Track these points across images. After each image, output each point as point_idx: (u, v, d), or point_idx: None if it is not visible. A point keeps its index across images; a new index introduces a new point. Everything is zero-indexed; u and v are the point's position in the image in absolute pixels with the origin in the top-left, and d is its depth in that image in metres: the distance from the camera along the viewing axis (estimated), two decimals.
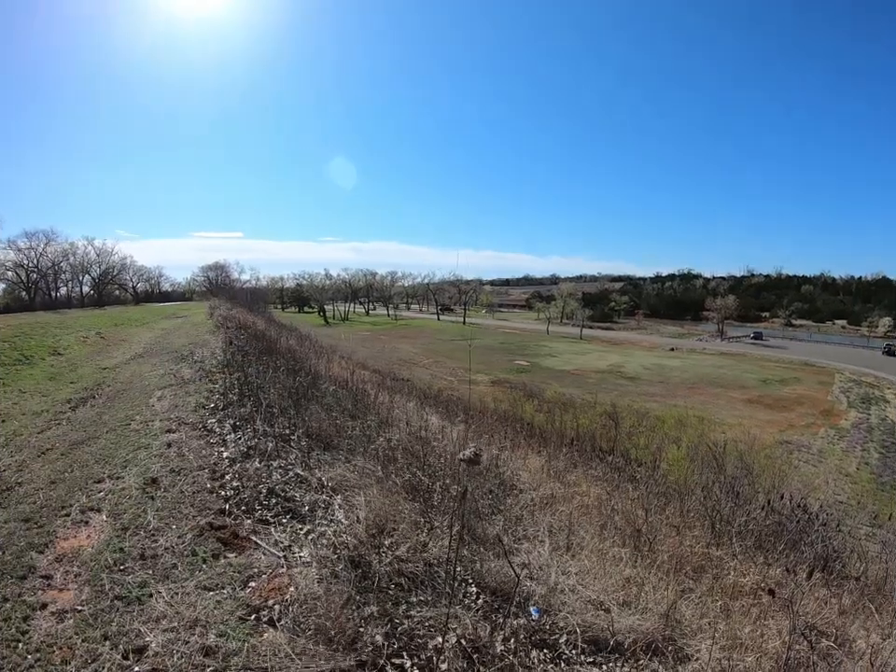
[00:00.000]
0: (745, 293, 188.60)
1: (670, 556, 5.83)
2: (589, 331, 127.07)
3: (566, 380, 67.83)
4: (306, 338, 27.51)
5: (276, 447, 6.90)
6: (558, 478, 8.94)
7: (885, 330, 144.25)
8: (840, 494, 30.45)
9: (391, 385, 19.92)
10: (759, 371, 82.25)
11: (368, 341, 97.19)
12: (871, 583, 7.75)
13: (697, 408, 52.40)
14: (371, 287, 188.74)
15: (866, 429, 53.44)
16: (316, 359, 17.18)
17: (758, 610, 4.82)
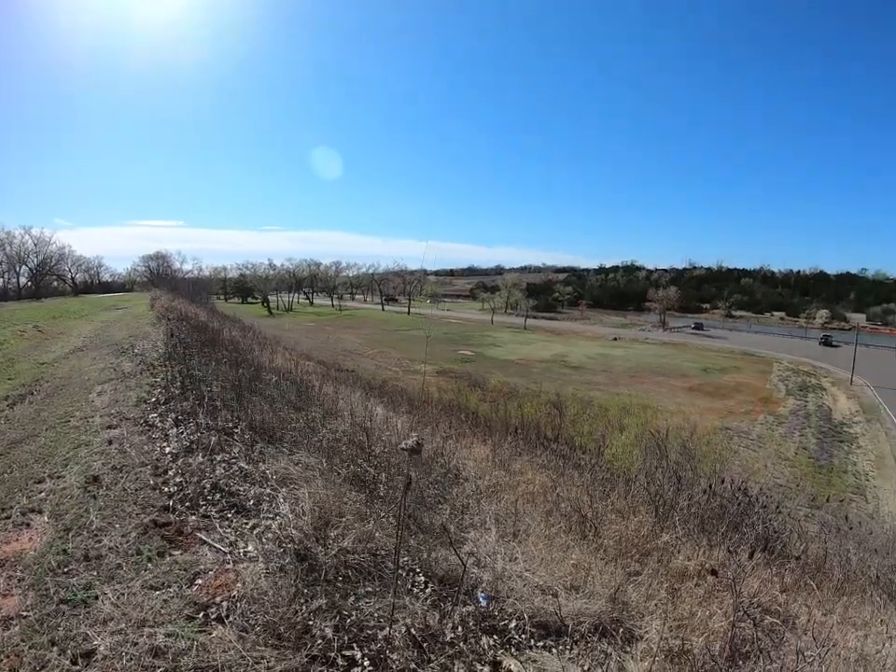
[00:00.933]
0: (686, 285, 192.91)
1: (616, 541, 5.92)
2: (533, 321, 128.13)
3: (510, 369, 68.32)
4: (249, 329, 27.19)
5: (219, 441, 6.80)
6: (504, 466, 9.00)
7: (822, 322, 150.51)
8: (779, 477, 31.31)
9: (336, 377, 19.79)
10: (700, 361, 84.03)
11: (312, 331, 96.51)
12: (811, 562, 8.00)
13: (640, 396, 53.32)
14: (315, 277, 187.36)
15: (804, 416, 55.08)
16: (260, 351, 17.01)
17: (703, 591, 4.92)
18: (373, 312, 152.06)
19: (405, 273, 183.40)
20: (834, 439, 48.60)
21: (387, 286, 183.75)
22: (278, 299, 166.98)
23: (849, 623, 5.18)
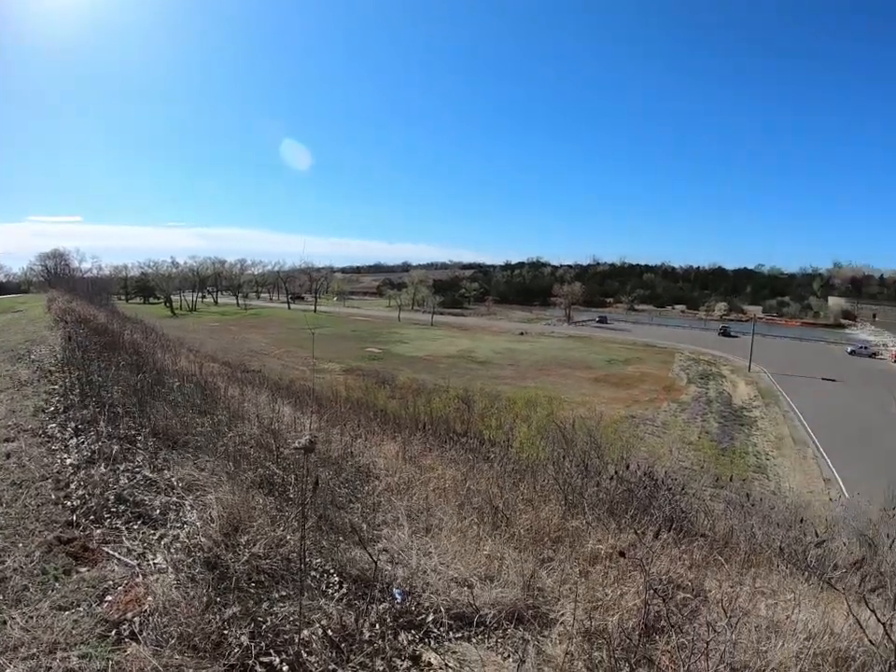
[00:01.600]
0: (591, 280, 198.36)
1: (527, 530, 6.03)
2: (440, 318, 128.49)
3: (418, 366, 68.47)
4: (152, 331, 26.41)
5: (122, 450, 6.58)
6: (414, 462, 9.04)
7: (720, 314, 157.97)
8: (684, 460, 32.35)
9: (242, 378, 19.40)
10: (604, 353, 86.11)
11: (217, 332, 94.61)
12: (719, 538, 8.30)
13: (547, 388, 54.05)
14: (219, 275, 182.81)
15: (705, 402, 57.33)
16: (163, 354, 16.53)
17: (617, 572, 5.05)
18: (279, 310, 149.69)
19: (311, 271, 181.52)
20: (735, 422, 50.99)
21: (294, 283, 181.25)
22: (181, 298, 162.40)
23: (759, 593, 5.39)
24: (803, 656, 4.06)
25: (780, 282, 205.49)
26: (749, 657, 4.02)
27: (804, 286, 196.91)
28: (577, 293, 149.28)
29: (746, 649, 4.12)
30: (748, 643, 4.20)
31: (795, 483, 35.36)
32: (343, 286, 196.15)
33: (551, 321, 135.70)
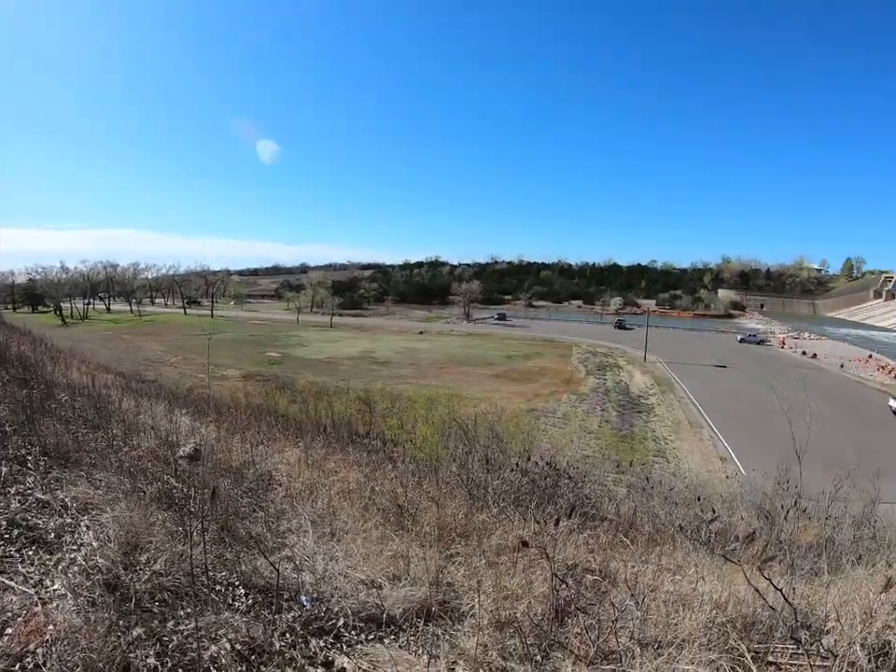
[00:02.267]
0: (489, 278, 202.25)
1: (434, 527, 6.07)
2: (339, 319, 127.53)
3: (318, 368, 67.80)
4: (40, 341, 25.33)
5: (11, 471, 6.32)
6: (317, 467, 8.98)
7: (616, 308, 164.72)
8: (586, 449, 33.06)
9: (137, 388, 18.78)
10: (504, 349, 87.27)
11: (110, 340, 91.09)
12: (623, 521, 8.65)
13: (448, 386, 54.55)
14: (112, 280, 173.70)
15: (603, 392, 58.97)
16: (52, 366, 15.88)
17: (526, 562, 5.16)
18: (175, 316, 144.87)
19: (208, 274, 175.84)
20: (633, 410, 52.74)
21: (189, 287, 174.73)
22: (72, 306, 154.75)
23: (665, 570, 5.62)
24: (710, 625, 4.24)
25: (673, 276, 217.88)
26: (658, 631, 4.19)
27: (695, 279, 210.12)
28: (475, 291, 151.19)
29: (656, 623, 4.29)
30: (657, 618, 4.37)
31: (693, 464, 36.59)
32: (241, 289, 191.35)
33: (450, 319, 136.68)
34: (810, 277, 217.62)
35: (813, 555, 7.41)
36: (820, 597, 4.95)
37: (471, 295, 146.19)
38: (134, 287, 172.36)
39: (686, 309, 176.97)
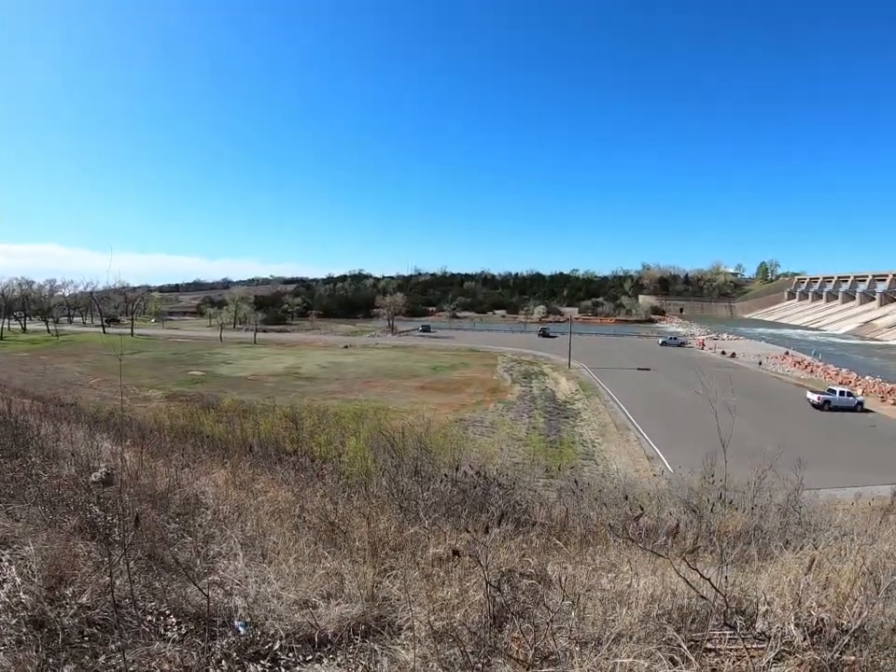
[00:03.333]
0: (413, 290, 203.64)
1: (366, 542, 6.02)
2: (263, 335, 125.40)
3: (243, 386, 66.63)
4: None
5: None
6: (245, 487, 8.85)
7: (539, 317, 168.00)
8: (515, 456, 33.37)
9: (56, 413, 18.19)
10: (430, 360, 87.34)
11: (27, 362, 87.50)
12: (556, 524, 8.72)
13: (375, 400, 54.35)
14: (27, 298, 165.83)
15: (530, 400, 59.42)
16: None
17: (461, 571, 5.14)
18: (95, 335, 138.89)
19: (127, 291, 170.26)
20: (560, 416, 53.24)
21: (108, 305, 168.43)
22: None
23: (600, 569, 5.71)
24: (647, 619, 4.33)
25: (595, 284, 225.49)
26: (597, 629, 4.22)
27: (616, 286, 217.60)
28: (399, 304, 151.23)
29: (594, 621, 4.33)
30: (594, 616, 4.41)
31: (622, 465, 37.55)
32: (161, 306, 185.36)
33: (375, 333, 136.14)
34: (727, 281, 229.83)
35: (743, 544, 7.63)
36: (753, 583, 5.10)
37: (396, 307, 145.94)
38: (51, 305, 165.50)
39: (608, 315, 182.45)
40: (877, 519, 10.58)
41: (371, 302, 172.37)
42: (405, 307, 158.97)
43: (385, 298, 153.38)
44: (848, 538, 6.75)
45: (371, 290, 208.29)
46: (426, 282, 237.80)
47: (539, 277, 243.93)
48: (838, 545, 6.17)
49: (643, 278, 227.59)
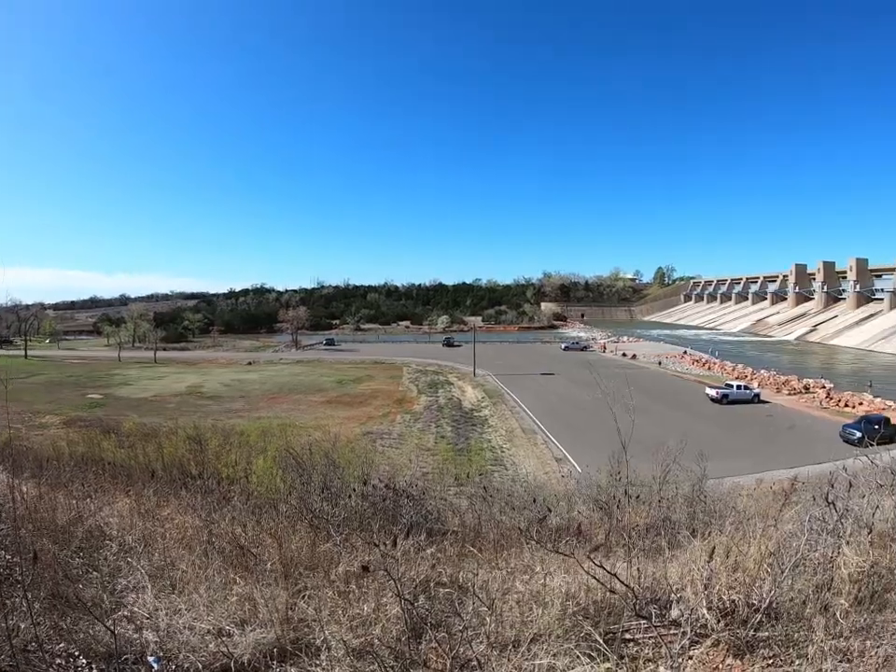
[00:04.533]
0: (316, 303, 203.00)
1: (278, 563, 5.92)
2: (164, 354, 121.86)
3: (144, 408, 64.61)
4: None
5: None
6: (151, 516, 8.56)
7: (443, 326, 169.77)
8: (425, 467, 33.30)
9: None
10: (335, 374, 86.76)
11: None
12: (469, 531, 8.76)
13: (281, 416, 53.65)
14: None
15: (437, 409, 59.78)
16: None
17: (376, 586, 5.11)
18: None
19: (20, 309, 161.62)
20: (468, 424, 53.89)
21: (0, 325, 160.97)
22: None
23: (515, 571, 5.76)
24: (564, 617, 4.41)
25: (497, 293, 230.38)
26: (515, 631, 4.29)
27: (518, 294, 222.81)
28: (303, 317, 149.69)
29: (512, 624, 4.39)
30: (511, 619, 4.48)
31: (531, 468, 38.22)
32: (57, 325, 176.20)
33: (279, 348, 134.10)
34: (626, 286, 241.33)
35: (653, 535, 7.85)
36: (664, 572, 5.24)
37: (299, 321, 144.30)
38: None
39: (512, 323, 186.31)
40: (779, 502, 11.03)
41: (274, 317, 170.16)
42: (309, 321, 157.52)
43: (289, 312, 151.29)
44: (752, 522, 7.02)
45: (273, 304, 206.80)
46: (329, 295, 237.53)
47: (442, 287, 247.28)
48: (743, 529, 6.41)
49: (545, 286, 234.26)
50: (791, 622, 4.27)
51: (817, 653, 3.79)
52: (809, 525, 5.48)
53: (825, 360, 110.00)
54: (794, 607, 4.43)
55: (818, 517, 5.78)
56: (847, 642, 3.93)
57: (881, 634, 4.04)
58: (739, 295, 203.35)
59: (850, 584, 4.67)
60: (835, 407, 62.26)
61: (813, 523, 5.62)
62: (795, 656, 3.86)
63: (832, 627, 4.12)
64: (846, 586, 4.65)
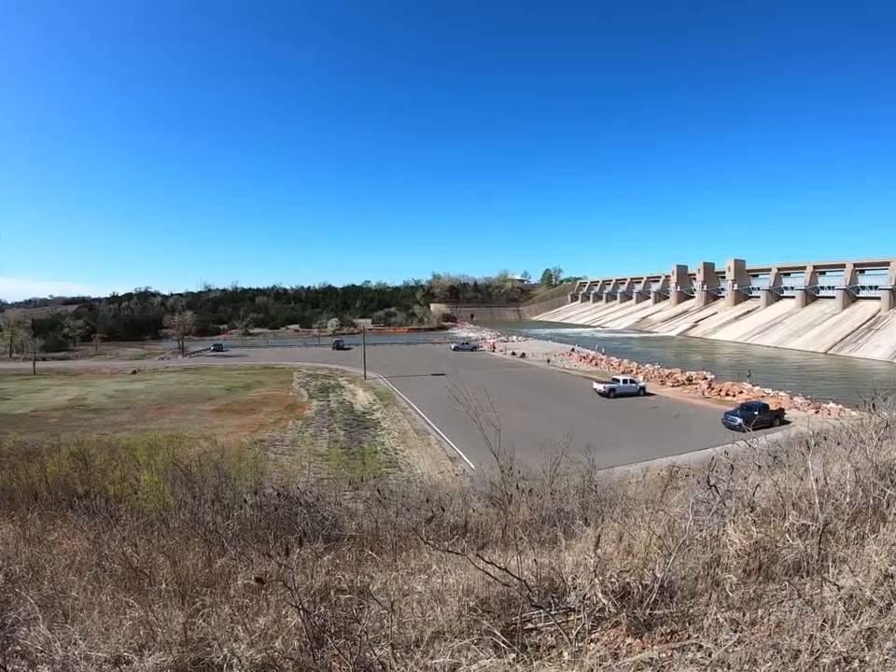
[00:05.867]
0: (203, 308, 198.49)
1: (173, 582, 5.81)
2: (44, 364, 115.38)
3: (24, 425, 61.28)
4: None
5: None
6: (37, 541, 8.27)
7: (333, 329, 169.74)
8: (320, 472, 33.12)
9: None
10: (224, 381, 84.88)
11: None
12: (367, 535, 8.79)
13: (169, 427, 52.17)
14: None
15: (329, 414, 59.43)
16: None
17: (276, 597, 5.06)
18: None
19: None
20: (360, 427, 53.80)
21: None
22: None
23: (415, 572, 5.87)
24: (463, 613, 4.51)
25: (387, 295, 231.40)
26: (417, 631, 4.36)
27: (408, 296, 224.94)
28: (189, 322, 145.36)
29: (414, 625, 4.46)
30: (414, 619, 4.55)
31: (426, 468, 38.79)
32: None
33: (165, 355, 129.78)
34: (514, 287, 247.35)
35: (549, 527, 8.07)
36: (561, 561, 5.40)
37: (186, 327, 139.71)
38: None
39: (402, 325, 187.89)
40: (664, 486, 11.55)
41: (159, 322, 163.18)
42: (195, 326, 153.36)
43: (174, 317, 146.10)
44: (642, 507, 7.31)
45: (159, 309, 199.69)
46: (216, 298, 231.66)
47: (331, 290, 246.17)
48: (634, 515, 6.68)
49: (434, 287, 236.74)
50: (685, 598, 4.50)
51: (712, 625, 3.99)
52: (696, 507, 5.75)
53: (707, 354, 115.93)
54: (687, 584, 4.67)
55: (702, 499, 6.08)
56: (738, 613, 4.15)
57: (770, 602, 4.29)
58: (624, 294, 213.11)
59: (738, 559, 4.97)
60: (717, 396, 66.41)
61: (700, 505, 5.90)
62: (692, 630, 4.05)
63: (723, 600, 4.37)
64: (733, 561, 4.94)
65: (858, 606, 3.77)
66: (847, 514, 5.35)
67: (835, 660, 3.19)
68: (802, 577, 4.57)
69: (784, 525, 5.30)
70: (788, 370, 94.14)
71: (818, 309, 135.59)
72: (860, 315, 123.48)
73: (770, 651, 3.41)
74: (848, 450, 7.73)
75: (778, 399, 60.94)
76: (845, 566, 4.37)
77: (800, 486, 6.10)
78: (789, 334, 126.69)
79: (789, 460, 9.00)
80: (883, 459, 6.67)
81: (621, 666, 3.60)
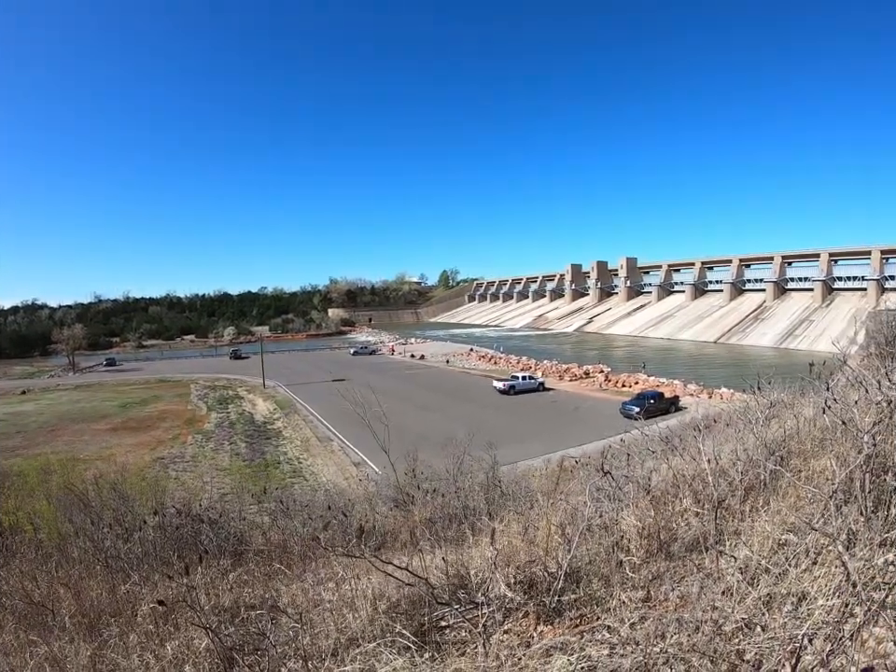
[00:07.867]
0: (94, 320, 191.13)
1: (78, 614, 5.65)
2: None
3: None
4: None
5: None
6: None
7: (230, 338, 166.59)
8: (223, 487, 32.55)
9: None
10: (118, 398, 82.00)
11: None
12: (274, 548, 8.72)
13: (63, 450, 49.98)
14: None
15: (229, 426, 58.28)
16: None
17: (184, 619, 4.99)
18: None
19: None
20: (262, 438, 52.92)
21: None
22: None
23: (325, 581, 5.91)
24: (376, 617, 4.54)
25: (284, 301, 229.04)
26: (331, 641, 4.37)
27: (305, 302, 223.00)
28: (80, 336, 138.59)
29: (327, 634, 4.47)
30: (326, 629, 4.56)
31: (330, 476, 38.56)
32: None
33: (55, 372, 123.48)
34: (412, 289, 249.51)
35: (456, 525, 8.16)
36: (469, 557, 5.48)
37: (76, 341, 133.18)
38: None
39: (300, 331, 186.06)
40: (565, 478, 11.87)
41: (48, 337, 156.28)
42: (86, 340, 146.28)
43: (63, 331, 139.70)
44: (544, 499, 7.50)
45: (47, 323, 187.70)
46: (108, 310, 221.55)
47: (227, 297, 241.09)
48: (537, 507, 6.84)
49: (332, 292, 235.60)
50: (591, 582, 4.68)
51: (618, 605, 4.16)
52: (596, 495, 5.94)
53: (602, 348, 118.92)
54: (592, 568, 4.86)
55: (600, 486, 6.29)
56: (643, 591, 4.33)
57: (673, 578, 4.52)
58: (521, 294, 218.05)
59: (639, 541, 5.20)
60: (614, 388, 68.37)
61: (599, 492, 6.10)
62: (600, 611, 4.20)
63: (628, 581, 4.58)
64: (635, 543, 5.16)
65: (755, 574, 3.99)
66: (740, 490, 5.66)
67: (737, 626, 3.36)
68: (701, 552, 4.80)
69: (681, 506, 5.55)
70: (681, 359, 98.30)
71: (707, 302, 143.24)
72: (746, 305, 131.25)
73: (675, 624, 3.56)
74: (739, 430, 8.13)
75: (673, 387, 63.25)
76: (740, 538, 4.62)
77: (695, 467, 6.38)
78: (680, 326, 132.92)
79: (684, 444, 9.38)
80: (771, 437, 7.07)
81: (531, 653, 3.68)
